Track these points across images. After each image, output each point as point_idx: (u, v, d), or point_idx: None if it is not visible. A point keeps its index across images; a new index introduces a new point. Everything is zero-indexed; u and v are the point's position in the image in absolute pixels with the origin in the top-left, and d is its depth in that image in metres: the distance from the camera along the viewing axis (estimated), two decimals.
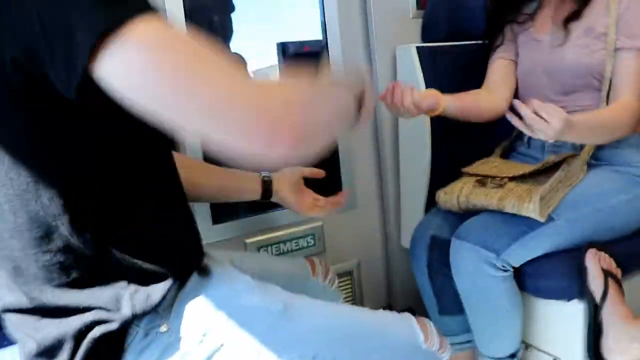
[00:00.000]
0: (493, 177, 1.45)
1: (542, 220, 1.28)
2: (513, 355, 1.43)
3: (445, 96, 1.40)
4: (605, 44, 1.42)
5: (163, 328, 0.85)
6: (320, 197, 1.34)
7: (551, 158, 1.43)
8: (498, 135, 1.71)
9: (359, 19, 1.81)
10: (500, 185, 1.40)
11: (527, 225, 1.31)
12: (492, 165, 1.56)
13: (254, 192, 1.28)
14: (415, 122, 1.75)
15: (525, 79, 1.60)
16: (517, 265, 1.34)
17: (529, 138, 1.59)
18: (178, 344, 0.85)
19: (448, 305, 1.51)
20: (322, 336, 0.89)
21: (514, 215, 1.32)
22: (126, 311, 0.81)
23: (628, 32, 1.40)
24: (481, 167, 1.55)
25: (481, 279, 1.33)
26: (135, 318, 0.82)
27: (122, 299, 0.82)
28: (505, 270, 1.32)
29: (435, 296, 1.53)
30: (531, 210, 1.28)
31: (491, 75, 1.65)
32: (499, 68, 1.64)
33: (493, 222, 1.36)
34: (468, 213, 1.45)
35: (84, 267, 0.81)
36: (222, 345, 0.86)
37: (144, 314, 0.82)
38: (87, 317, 0.81)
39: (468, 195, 1.42)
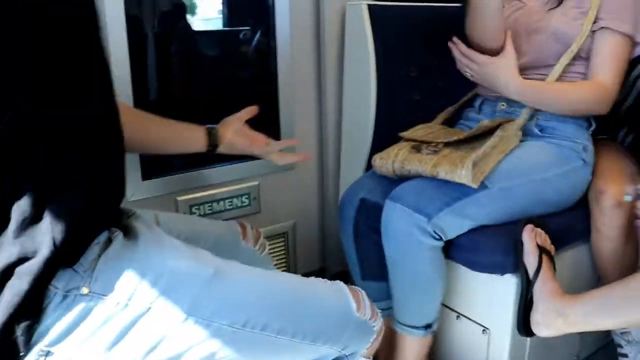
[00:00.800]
0: (428, 143, 1.43)
1: (474, 186, 1.27)
2: (428, 326, 1.42)
3: None
4: (583, 21, 1.41)
5: (84, 290, 0.80)
6: (272, 140, 1.33)
7: (485, 122, 1.42)
8: (446, 101, 1.68)
9: None
10: (435, 152, 1.38)
11: (461, 191, 1.30)
12: (429, 130, 1.54)
13: (199, 141, 1.26)
14: (360, 81, 1.71)
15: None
16: (451, 236, 1.33)
17: (480, 103, 1.58)
18: (101, 307, 0.81)
19: (371, 270, 1.49)
20: (253, 303, 0.87)
21: (450, 182, 1.30)
22: (44, 251, 0.76)
23: (612, 14, 1.40)
24: (419, 132, 1.53)
25: (409, 243, 1.31)
26: (55, 260, 0.76)
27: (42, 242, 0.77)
28: (436, 239, 1.31)
29: (359, 260, 1.52)
30: (463, 176, 1.27)
31: None
32: None
33: (428, 186, 1.33)
34: (403, 178, 1.42)
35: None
36: (148, 309, 0.82)
37: (64, 254, 0.77)
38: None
39: (403, 161, 1.40)
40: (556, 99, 1.43)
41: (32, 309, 0.78)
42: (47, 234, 0.76)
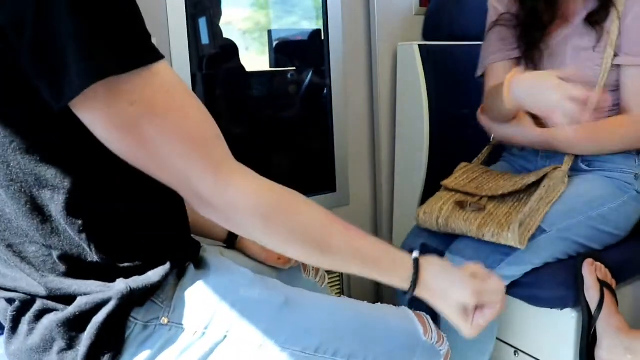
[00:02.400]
0: (472, 195, 1.41)
1: (521, 247, 1.25)
2: None
3: None
4: (601, 59, 1.38)
5: (164, 320, 0.83)
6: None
7: (530, 177, 1.38)
8: None
9: (362, 12, 1.79)
10: (480, 209, 1.36)
11: None
12: (472, 176, 1.50)
13: (220, 234, 1.22)
14: (413, 120, 1.74)
15: None
16: (510, 280, 1.31)
17: None
18: (180, 337, 0.83)
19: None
20: (325, 328, 0.88)
21: None
22: (120, 286, 0.80)
23: (635, 48, 1.36)
24: (460, 179, 1.49)
25: None
26: (131, 301, 0.80)
27: (117, 281, 0.81)
28: None
29: (428, 308, 1.49)
30: (510, 239, 1.25)
31: (496, 76, 1.52)
32: (505, 69, 1.50)
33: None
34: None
35: (76, 260, 0.80)
36: (224, 337, 0.84)
37: (140, 294, 0.81)
38: (82, 300, 0.79)
39: (447, 219, 1.37)
40: (595, 140, 1.39)
41: (113, 340, 0.81)
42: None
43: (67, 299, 0.80)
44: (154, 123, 0.68)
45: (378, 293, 2.01)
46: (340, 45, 1.74)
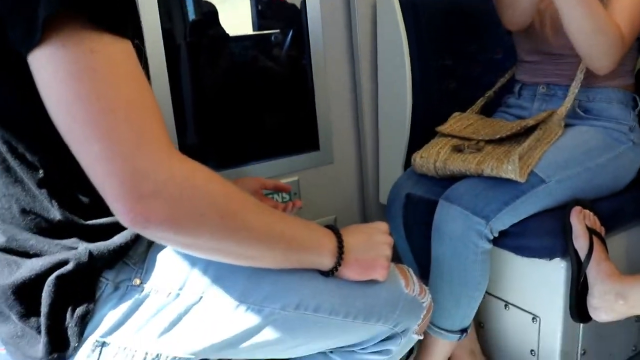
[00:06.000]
0: (469, 140, 1.40)
1: (521, 180, 1.24)
2: (464, 330, 1.38)
3: None
4: None
5: (136, 281, 0.82)
6: (279, 204, 1.27)
7: (527, 121, 1.37)
8: (482, 88, 1.65)
9: None
10: (478, 150, 1.35)
11: (518, 189, 1.27)
12: (467, 122, 1.50)
13: None
14: (395, 74, 1.70)
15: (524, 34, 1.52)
16: (502, 229, 1.30)
17: (520, 88, 1.55)
18: (153, 298, 0.82)
19: (428, 267, 1.43)
20: (304, 285, 0.87)
21: (505, 179, 1.27)
22: (80, 249, 0.78)
23: None
24: (455, 125, 1.49)
25: (463, 246, 1.28)
26: (92, 264, 0.78)
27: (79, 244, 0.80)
28: (489, 241, 1.28)
29: (416, 258, 1.50)
30: (510, 170, 1.24)
31: None
32: None
33: (484, 187, 1.30)
34: (445, 177, 1.40)
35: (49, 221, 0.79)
36: (200, 298, 0.83)
37: (103, 257, 0.79)
38: (37, 263, 0.78)
39: (445, 161, 1.37)
40: (590, 14, 1.26)
41: (83, 297, 0.79)
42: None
43: (23, 254, 0.79)
44: (104, 81, 0.63)
45: None
46: (317, 3, 1.68)
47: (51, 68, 0.62)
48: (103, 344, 0.81)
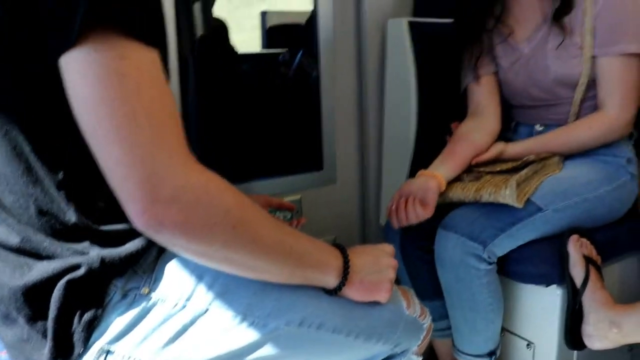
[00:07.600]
0: (469, 172, 1.42)
1: (519, 206, 1.26)
2: (492, 353, 1.39)
3: (441, 172, 1.36)
4: (581, 59, 1.37)
5: (144, 290, 0.83)
6: (284, 222, 1.29)
7: (529, 157, 1.40)
8: None
9: None
10: (477, 178, 1.37)
11: (515, 216, 1.29)
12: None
13: None
14: (401, 98, 1.72)
15: (506, 88, 1.55)
16: (501, 254, 1.32)
17: (516, 124, 1.57)
18: (160, 308, 0.83)
19: (424, 290, 1.46)
20: (308, 303, 0.87)
21: (501, 205, 1.28)
22: (92, 254, 0.79)
23: (607, 37, 1.34)
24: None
25: (465, 271, 1.30)
26: (104, 270, 0.79)
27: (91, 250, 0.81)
28: (490, 263, 1.30)
29: (411, 282, 1.50)
30: (507, 196, 1.25)
31: (476, 96, 1.55)
32: (484, 87, 1.54)
33: (480, 213, 1.32)
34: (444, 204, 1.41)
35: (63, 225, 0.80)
36: (205, 310, 0.84)
37: (115, 263, 0.80)
38: (49, 266, 0.79)
39: (445, 191, 1.38)
40: (568, 146, 1.42)
41: (91, 302, 0.80)
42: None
43: (36, 255, 0.80)
44: (131, 87, 0.66)
45: None
46: (330, 22, 1.71)
47: (82, 70, 0.65)
48: (108, 352, 0.82)
